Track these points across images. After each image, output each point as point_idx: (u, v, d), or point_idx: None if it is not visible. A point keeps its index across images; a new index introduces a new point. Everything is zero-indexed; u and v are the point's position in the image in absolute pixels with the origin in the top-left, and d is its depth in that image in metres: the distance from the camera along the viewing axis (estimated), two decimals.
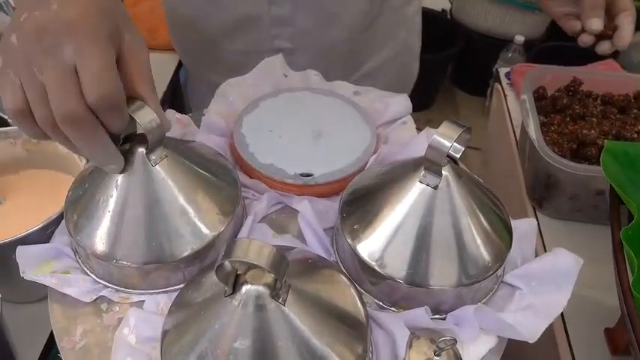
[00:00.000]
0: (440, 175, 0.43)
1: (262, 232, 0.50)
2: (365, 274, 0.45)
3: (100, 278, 0.45)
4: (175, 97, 0.93)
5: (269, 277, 0.35)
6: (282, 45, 0.74)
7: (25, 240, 0.50)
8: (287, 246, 0.47)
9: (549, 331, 0.64)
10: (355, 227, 0.45)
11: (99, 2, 0.37)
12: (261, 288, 0.35)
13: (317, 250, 0.49)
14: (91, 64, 0.35)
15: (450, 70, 2.18)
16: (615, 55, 1.82)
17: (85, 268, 0.46)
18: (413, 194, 0.44)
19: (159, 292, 0.45)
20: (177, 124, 0.60)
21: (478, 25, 2.00)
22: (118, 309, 0.44)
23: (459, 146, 0.44)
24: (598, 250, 0.58)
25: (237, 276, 0.36)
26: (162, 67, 0.90)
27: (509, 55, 1.86)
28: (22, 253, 0.46)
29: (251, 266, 0.35)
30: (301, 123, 0.55)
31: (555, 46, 1.81)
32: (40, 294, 0.58)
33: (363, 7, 0.73)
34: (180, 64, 0.93)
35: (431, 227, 0.43)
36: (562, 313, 0.65)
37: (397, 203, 0.44)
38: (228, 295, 0.35)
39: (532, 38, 1.91)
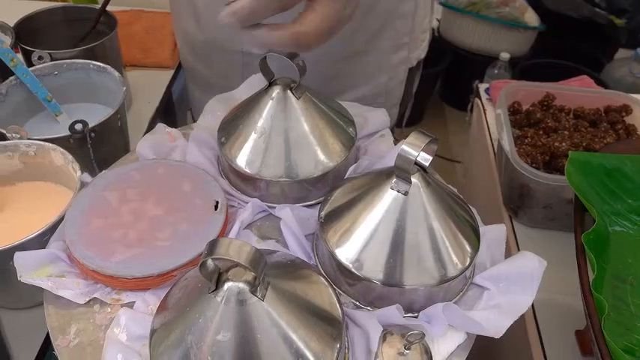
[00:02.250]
0: (409, 182, 0.46)
1: (248, 238, 0.54)
2: (343, 276, 0.48)
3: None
4: (167, 112, 0.96)
5: (249, 275, 0.38)
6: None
7: (23, 247, 0.52)
8: (270, 249, 0.50)
9: (523, 333, 0.68)
10: (333, 232, 0.48)
11: None
12: (241, 284, 0.38)
13: (298, 255, 0.52)
14: None
15: (439, 85, 2.24)
16: (599, 70, 1.88)
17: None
18: (386, 200, 0.47)
19: (148, 293, 0.48)
20: (167, 137, 0.63)
21: (465, 43, 2.06)
22: (110, 309, 0.47)
23: (426, 155, 0.47)
24: (572, 257, 0.61)
25: (220, 274, 0.39)
26: (155, 84, 0.94)
27: (495, 71, 1.91)
28: (20, 258, 0.49)
29: (232, 264, 0.38)
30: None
31: (539, 63, 1.86)
32: (35, 300, 0.61)
33: (342, 43, 0.73)
34: (172, 81, 0.96)
35: (403, 231, 0.46)
36: (535, 317, 0.68)
37: (371, 209, 0.47)
38: (212, 292, 0.38)
39: (517, 55, 1.96)
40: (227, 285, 0.38)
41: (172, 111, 1.01)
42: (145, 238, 0.49)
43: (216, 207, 0.53)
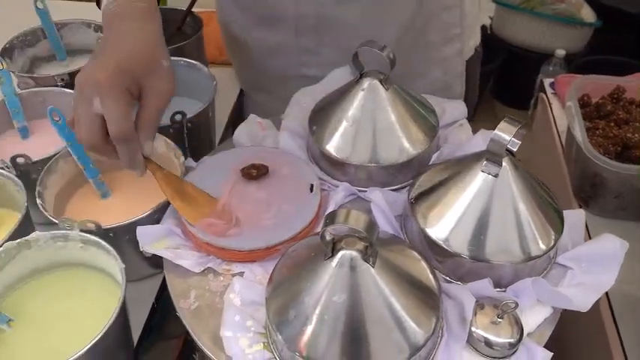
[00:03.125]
0: (500, 164, 0.49)
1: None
2: (432, 253, 0.52)
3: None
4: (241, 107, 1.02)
5: (360, 244, 0.43)
6: (309, 72, 0.79)
7: (137, 224, 0.58)
8: None
9: (599, 322, 0.69)
10: (424, 211, 0.52)
11: (123, 64, 0.50)
12: (354, 252, 0.42)
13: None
14: (110, 112, 0.50)
15: (491, 83, 2.23)
16: None
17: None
18: (476, 182, 0.50)
19: (255, 265, 0.53)
20: (259, 127, 0.68)
21: (518, 40, 2.05)
22: (222, 278, 0.53)
23: (516, 140, 0.50)
24: None
25: (334, 243, 0.43)
26: (230, 80, 1.00)
27: (550, 68, 1.90)
28: (141, 232, 0.55)
29: (346, 235, 0.43)
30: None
31: (596, 59, 1.84)
32: (139, 274, 0.67)
33: (391, 43, 0.75)
34: None
35: (492, 211, 0.50)
36: (612, 309, 0.69)
37: (461, 189, 0.51)
38: (327, 258, 0.43)
39: (572, 52, 1.94)
40: (341, 252, 0.42)
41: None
42: (251, 215, 0.54)
43: (311, 189, 0.57)
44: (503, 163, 0.49)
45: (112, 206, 0.68)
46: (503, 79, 2.20)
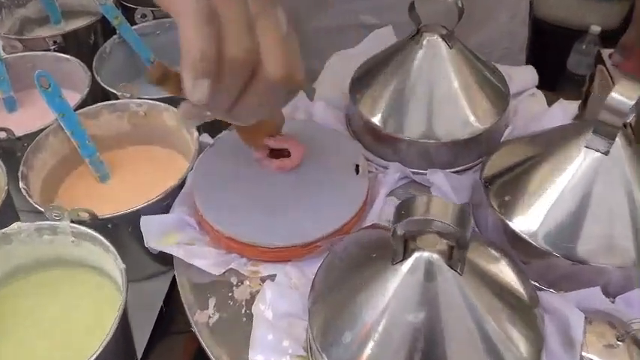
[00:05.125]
0: (613, 138, 0.38)
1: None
2: (516, 250, 0.41)
3: None
4: None
5: (443, 243, 0.31)
6: (367, 20, 0.69)
7: (142, 212, 0.47)
8: None
9: None
10: (506, 198, 0.41)
11: None
12: (435, 255, 0.31)
13: None
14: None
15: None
16: None
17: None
18: (576, 161, 0.39)
19: (289, 266, 0.42)
20: None
21: (550, 17, 1.92)
22: (248, 283, 0.42)
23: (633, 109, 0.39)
24: None
25: (406, 241, 0.32)
26: None
27: (584, 46, 1.78)
28: (146, 223, 0.44)
29: (421, 231, 0.32)
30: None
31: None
32: (146, 273, 0.56)
33: None
34: None
35: (596, 197, 0.39)
36: None
37: (556, 170, 0.40)
38: (397, 263, 0.32)
39: (606, 29, 1.82)
40: (416, 254, 0.31)
41: None
42: (283, 204, 0.43)
43: (357, 171, 0.46)
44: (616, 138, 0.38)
45: (112, 191, 0.57)
46: (533, 58, 2.07)
